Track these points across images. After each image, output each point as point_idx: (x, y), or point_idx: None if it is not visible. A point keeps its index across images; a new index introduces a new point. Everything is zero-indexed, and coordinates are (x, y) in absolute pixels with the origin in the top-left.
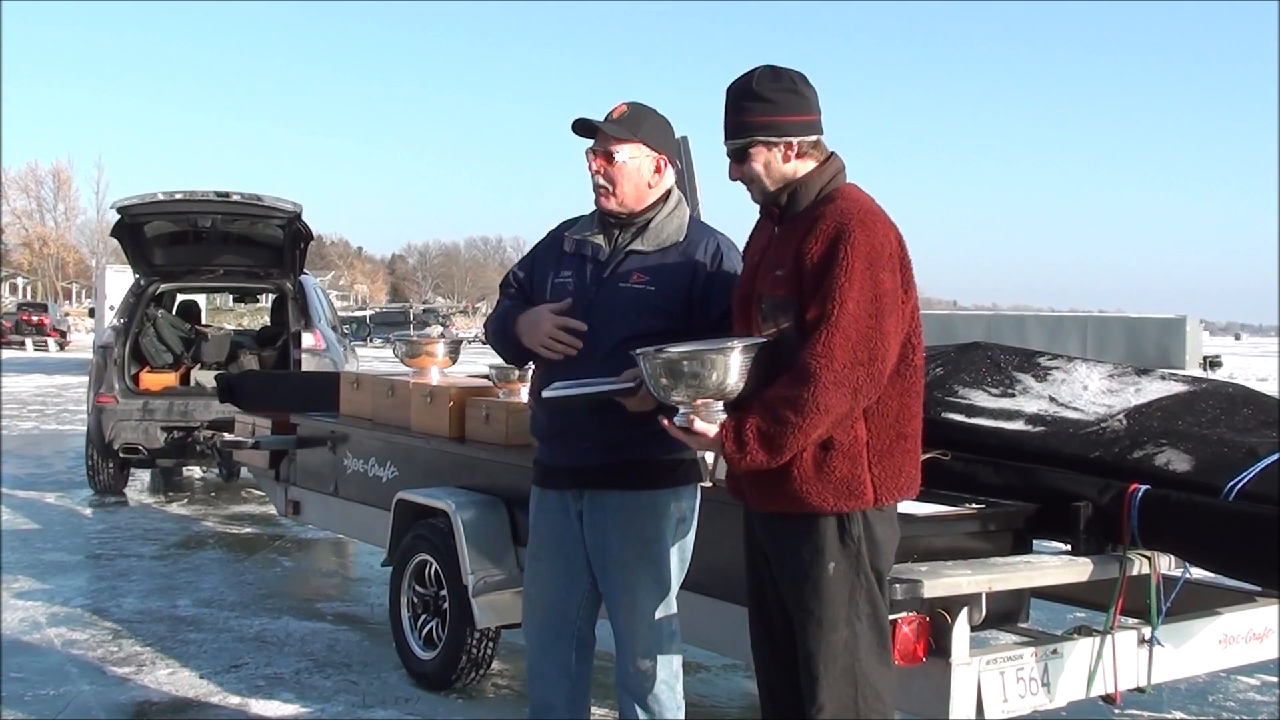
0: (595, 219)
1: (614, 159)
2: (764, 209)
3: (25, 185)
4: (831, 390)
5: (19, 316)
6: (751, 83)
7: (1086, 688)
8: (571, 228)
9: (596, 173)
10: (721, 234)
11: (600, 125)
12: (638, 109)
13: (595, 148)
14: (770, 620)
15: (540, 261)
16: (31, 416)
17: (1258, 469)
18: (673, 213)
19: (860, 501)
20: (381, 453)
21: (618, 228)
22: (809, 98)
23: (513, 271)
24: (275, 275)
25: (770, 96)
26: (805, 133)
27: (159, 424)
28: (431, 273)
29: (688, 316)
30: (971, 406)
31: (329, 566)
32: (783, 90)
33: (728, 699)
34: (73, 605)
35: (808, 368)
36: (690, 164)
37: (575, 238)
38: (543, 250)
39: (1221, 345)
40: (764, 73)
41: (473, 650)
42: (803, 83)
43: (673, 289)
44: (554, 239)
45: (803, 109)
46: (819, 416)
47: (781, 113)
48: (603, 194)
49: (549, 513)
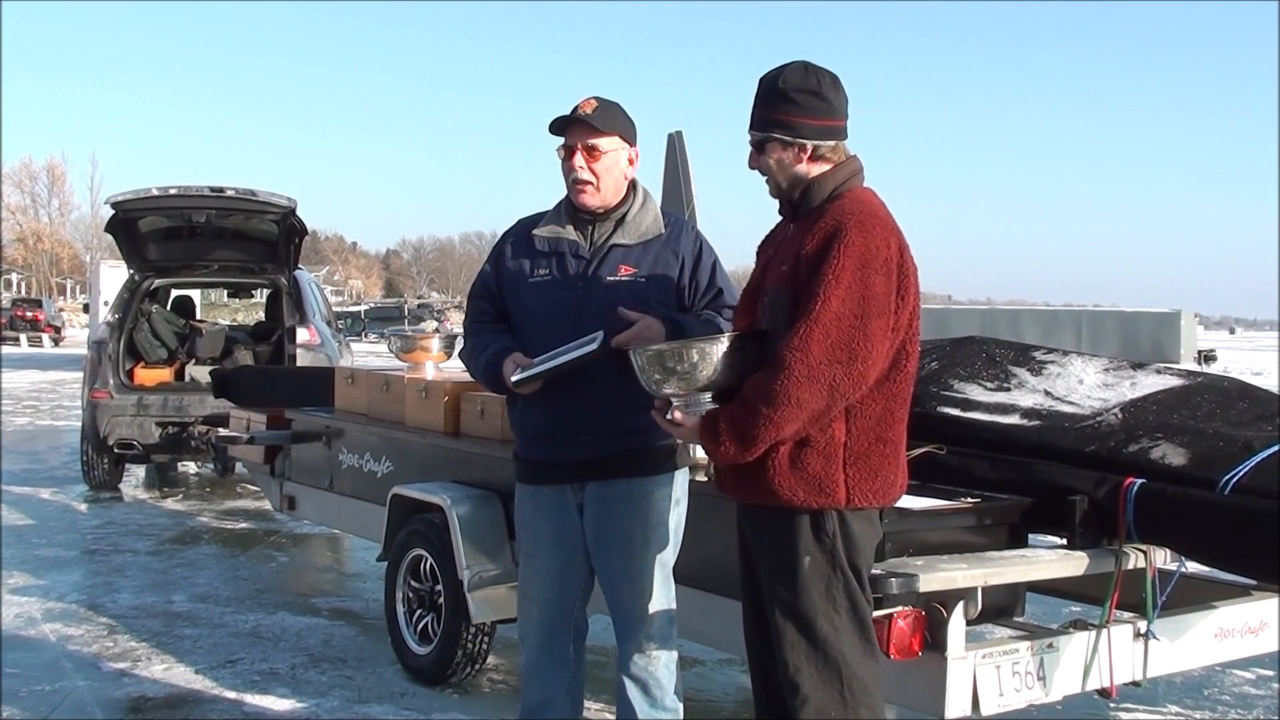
0: (564, 214)
1: (597, 152)
2: (780, 206)
3: (19, 181)
4: (805, 384)
5: (13, 312)
6: (780, 79)
7: (1082, 682)
8: (537, 225)
9: (580, 168)
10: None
11: (587, 119)
12: (606, 103)
13: (578, 142)
14: (764, 614)
15: (510, 262)
16: (26, 412)
17: (1253, 463)
18: (645, 204)
19: (831, 500)
20: (376, 448)
21: (592, 222)
22: (834, 103)
23: (481, 281)
24: (270, 270)
25: (794, 97)
26: (823, 137)
27: (154, 419)
28: (426, 268)
29: (680, 304)
30: (967, 401)
31: (324, 562)
32: (808, 93)
33: (723, 693)
34: (68, 601)
35: (782, 360)
36: (685, 159)
37: (546, 235)
38: (509, 250)
39: (1216, 339)
40: (794, 70)
41: (468, 645)
42: (831, 86)
43: (662, 279)
44: (521, 237)
45: (825, 114)
46: (790, 409)
47: (802, 115)
48: (586, 190)
49: (545, 509)
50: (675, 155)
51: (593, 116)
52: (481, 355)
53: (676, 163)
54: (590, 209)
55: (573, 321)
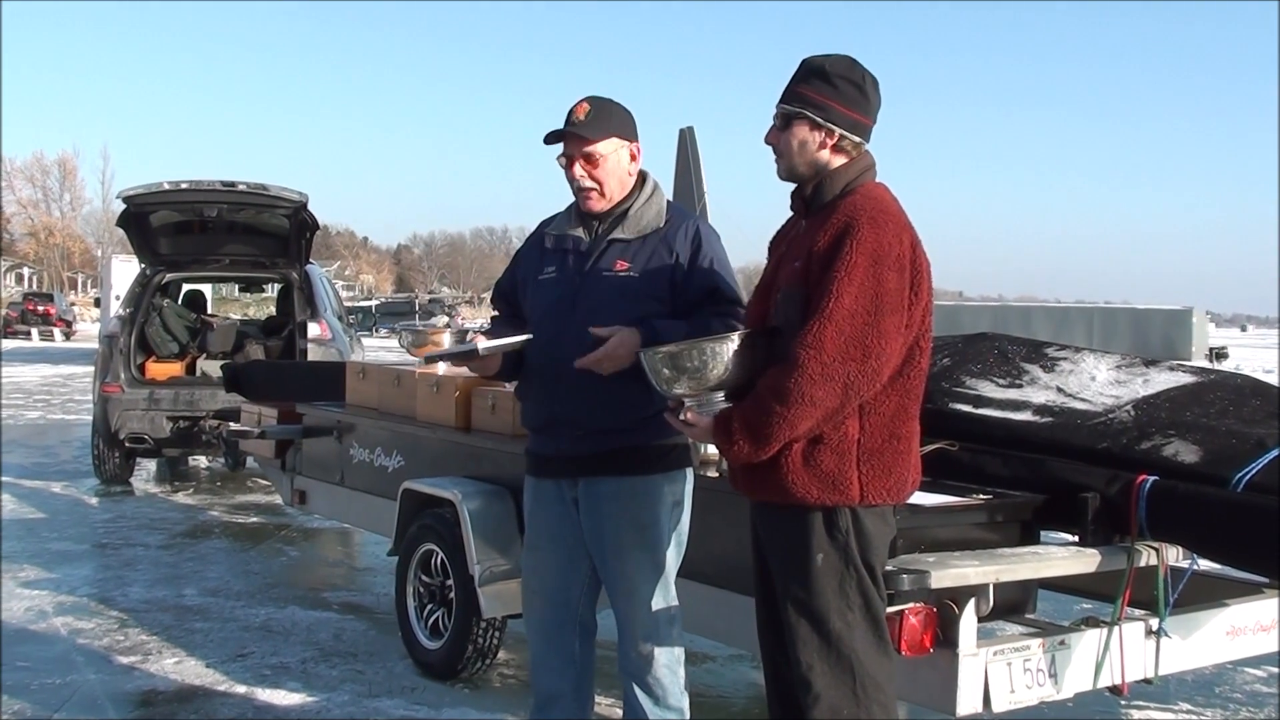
0: (573, 213)
1: (596, 159)
2: (792, 201)
3: (31, 175)
4: (819, 382)
5: (25, 306)
6: (826, 63)
7: (1093, 679)
8: (550, 225)
9: (581, 177)
10: (702, 219)
11: (577, 130)
12: (599, 103)
13: (574, 152)
14: (777, 611)
15: (524, 264)
16: (38, 406)
17: (1266, 460)
18: (650, 198)
19: (845, 497)
20: (388, 442)
21: (597, 219)
22: (870, 100)
23: (502, 282)
24: (281, 265)
25: (836, 82)
26: (851, 129)
27: (165, 413)
28: (437, 262)
29: (672, 300)
30: (979, 397)
31: (335, 556)
32: (849, 82)
33: (734, 689)
34: (79, 594)
35: (796, 358)
36: (697, 154)
37: (554, 234)
38: (525, 252)
39: (1227, 337)
40: (841, 59)
41: (479, 640)
42: (871, 85)
43: (655, 274)
44: (536, 238)
45: (859, 107)
46: (805, 407)
47: (839, 101)
48: (592, 197)
49: (545, 502)
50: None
51: (585, 125)
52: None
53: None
54: (599, 213)
55: (568, 316)
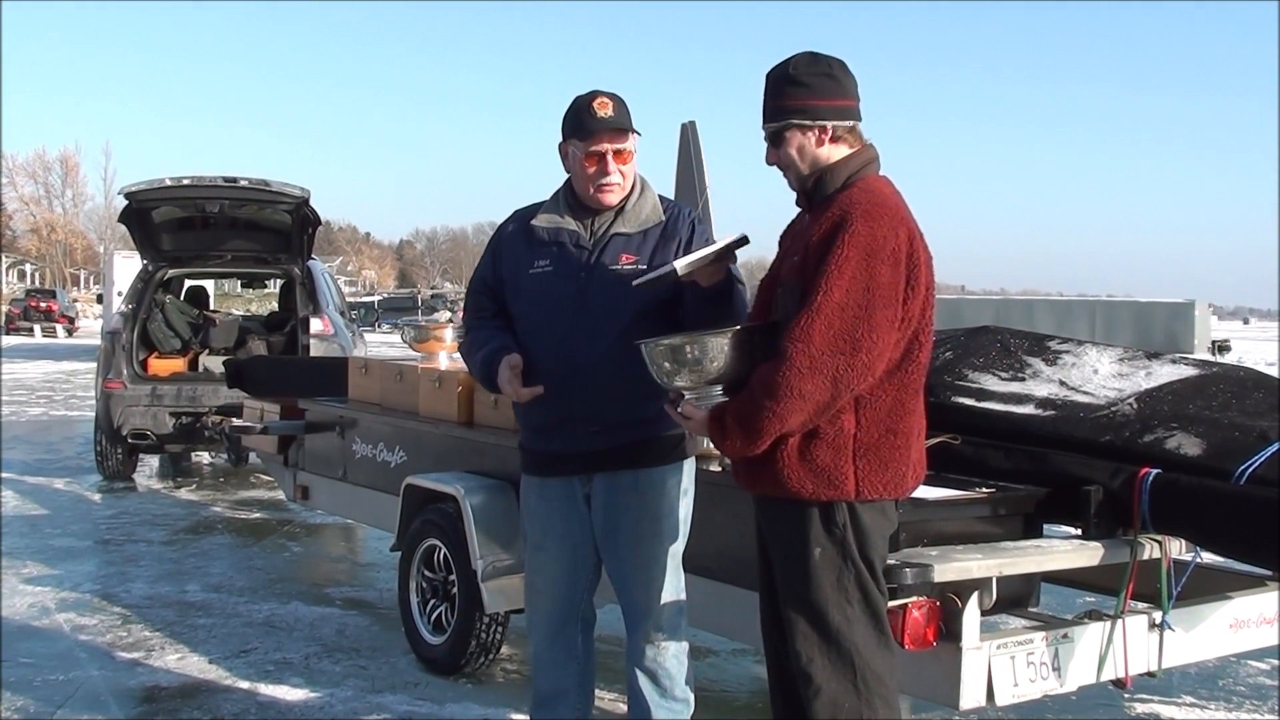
0: (562, 204)
1: (626, 154)
2: (797, 196)
3: (33, 171)
4: (807, 375)
5: (27, 303)
6: (788, 68)
7: (1097, 672)
8: (534, 215)
9: (614, 171)
10: (688, 206)
11: (614, 123)
12: (617, 97)
13: (610, 146)
14: (779, 605)
15: (507, 255)
16: (40, 402)
17: (1269, 453)
18: (644, 193)
19: (840, 492)
20: (390, 438)
21: (593, 212)
22: (845, 83)
23: (479, 276)
24: (283, 261)
25: (806, 81)
26: (840, 117)
27: (167, 409)
28: (439, 258)
29: (680, 290)
30: (982, 390)
31: (338, 552)
32: (818, 75)
33: (737, 684)
34: (82, 591)
35: (784, 351)
36: (699, 149)
37: (545, 226)
38: (507, 243)
39: (1230, 330)
40: (801, 58)
41: (481, 635)
42: (840, 69)
43: (663, 265)
44: (519, 229)
45: (838, 94)
46: (793, 401)
47: (816, 96)
48: (614, 190)
49: (553, 500)
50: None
51: (617, 119)
52: (478, 353)
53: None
54: (613, 207)
55: (575, 312)
